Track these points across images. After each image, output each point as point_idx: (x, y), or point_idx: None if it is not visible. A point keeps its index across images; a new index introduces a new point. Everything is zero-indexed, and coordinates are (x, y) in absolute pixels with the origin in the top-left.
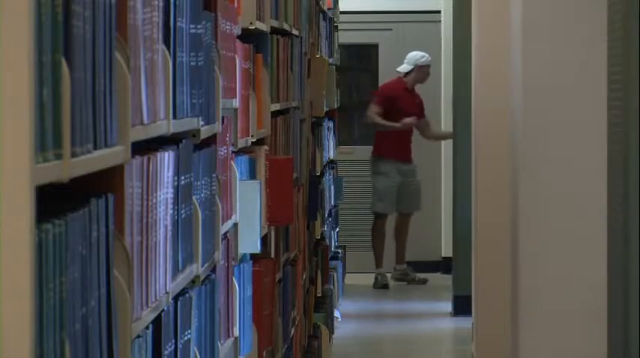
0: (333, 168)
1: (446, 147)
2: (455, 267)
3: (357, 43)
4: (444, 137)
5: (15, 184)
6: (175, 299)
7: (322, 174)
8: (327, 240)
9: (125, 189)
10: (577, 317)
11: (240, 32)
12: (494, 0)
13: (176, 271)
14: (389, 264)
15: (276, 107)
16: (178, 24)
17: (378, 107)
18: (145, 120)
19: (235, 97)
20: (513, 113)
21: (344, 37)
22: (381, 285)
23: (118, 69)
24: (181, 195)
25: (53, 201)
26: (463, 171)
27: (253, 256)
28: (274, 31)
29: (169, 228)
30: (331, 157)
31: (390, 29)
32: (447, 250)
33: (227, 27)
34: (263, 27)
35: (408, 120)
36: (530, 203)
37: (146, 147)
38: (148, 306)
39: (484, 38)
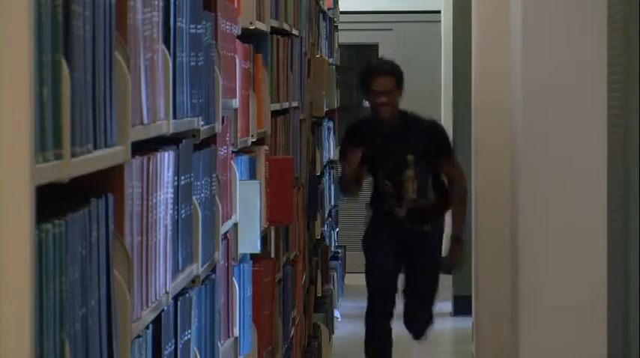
0: (333, 168)
1: None
2: (455, 266)
3: (357, 43)
4: None
5: (15, 184)
6: (175, 299)
7: (322, 174)
8: (327, 240)
9: (125, 189)
10: (577, 317)
11: (240, 32)
12: (495, 0)
13: (176, 271)
14: None
15: (276, 107)
16: (178, 24)
17: None
18: (145, 120)
19: (235, 97)
20: (513, 113)
21: (344, 37)
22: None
23: (118, 69)
24: (181, 195)
25: (53, 201)
26: (463, 171)
27: (253, 256)
28: (274, 31)
29: (169, 228)
30: (331, 157)
31: (390, 29)
32: (447, 250)
33: (227, 27)
34: (263, 27)
35: None
36: (530, 203)
37: (146, 147)
38: (148, 306)
39: (484, 38)
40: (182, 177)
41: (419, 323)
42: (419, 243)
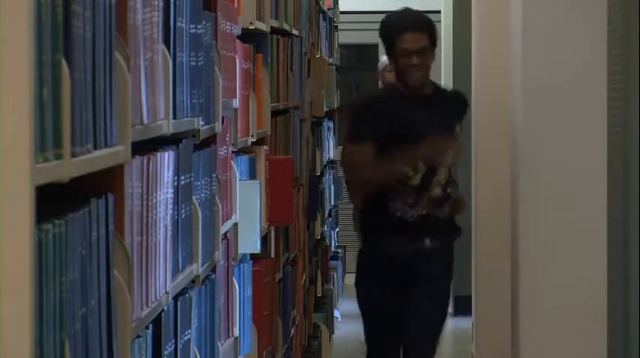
0: (333, 168)
1: None
2: (455, 267)
3: (357, 43)
4: None
5: (15, 184)
6: (175, 299)
7: (322, 174)
8: (327, 240)
9: (125, 189)
10: (577, 317)
11: (240, 32)
12: (494, 0)
13: (176, 271)
14: None
15: (276, 107)
16: (178, 24)
17: None
18: (145, 120)
19: (235, 97)
20: (513, 113)
21: (344, 37)
22: None
23: (118, 69)
24: (181, 195)
25: (53, 201)
26: (463, 171)
27: (253, 256)
28: (274, 31)
29: (169, 228)
30: (331, 157)
31: None
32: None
33: (227, 27)
34: (263, 27)
35: None
36: (530, 203)
37: (146, 147)
38: (148, 306)
39: (484, 38)
40: (182, 177)
41: None
42: (423, 264)
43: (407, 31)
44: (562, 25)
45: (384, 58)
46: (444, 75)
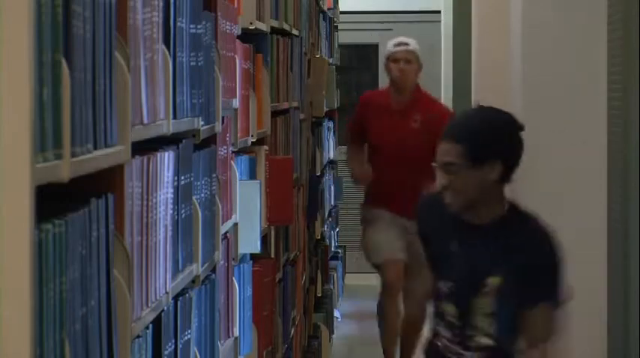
0: (333, 168)
1: None
2: None
3: (357, 43)
4: None
5: (15, 184)
6: (175, 299)
7: (322, 174)
8: (327, 240)
9: (125, 189)
10: (577, 317)
11: (240, 32)
12: (494, 0)
13: (176, 271)
14: None
15: (276, 107)
16: (178, 24)
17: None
18: (145, 120)
19: (235, 97)
20: (513, 113)
21: (344, 37)
22: None
23: (118, 69)
24: (181, 195)
25: (53, 201)
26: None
27: (253, 256)
28: (274, 31)
29: (169, 228)
30: (331, 157)
31: (390, 29)
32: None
33: (227, 27)
34: (263, 27)
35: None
36: (530, 203)
37: (146, 147)
38: (148, 306)
39: (484, 38)
40: (182, 177)
41: None
42: None
43: (442, 139)
44: (562, 25)
45: (389, 44)
46: (444, 75)
